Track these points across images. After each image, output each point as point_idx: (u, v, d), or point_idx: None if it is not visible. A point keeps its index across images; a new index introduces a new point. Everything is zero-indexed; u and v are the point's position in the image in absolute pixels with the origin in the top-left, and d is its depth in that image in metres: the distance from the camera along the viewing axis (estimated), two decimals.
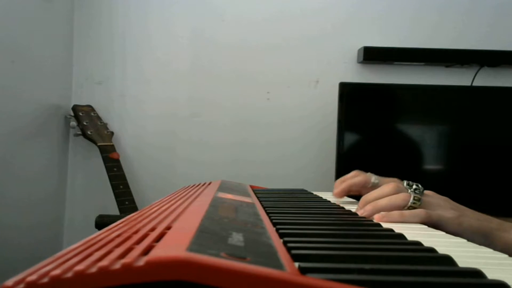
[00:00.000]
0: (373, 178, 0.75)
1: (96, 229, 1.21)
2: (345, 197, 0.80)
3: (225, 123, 1.71)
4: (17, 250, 1.37)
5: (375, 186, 0.74)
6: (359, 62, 1.70)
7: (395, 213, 0.60)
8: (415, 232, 0.51)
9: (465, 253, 0.40)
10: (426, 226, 0.58)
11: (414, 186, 0.64)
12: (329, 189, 0.84)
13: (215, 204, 0.49)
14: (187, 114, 1.71)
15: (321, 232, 0.46)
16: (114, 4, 1.70)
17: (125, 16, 1.70)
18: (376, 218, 0.59)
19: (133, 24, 1.70)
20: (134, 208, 1.44)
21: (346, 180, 0.78)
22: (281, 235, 0.40)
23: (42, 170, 1.53)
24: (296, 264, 0.30)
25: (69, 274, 0.24)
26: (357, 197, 0.75)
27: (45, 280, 0.24)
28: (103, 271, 0.24)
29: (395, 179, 0.73)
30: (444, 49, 1.66)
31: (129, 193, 1.48)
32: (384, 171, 0.77)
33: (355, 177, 0.77)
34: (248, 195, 0.67)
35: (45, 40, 1.51)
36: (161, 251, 0.26)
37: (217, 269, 0.23)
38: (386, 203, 0.62)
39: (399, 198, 0.62)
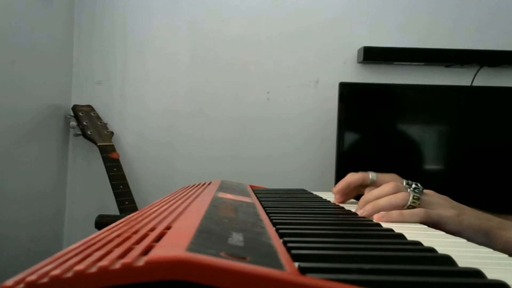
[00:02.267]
0: (371, 174, 0.75)
1: (96, 229, 1.21)
2: None
3: (226, 121, 1.71)
4: (17, 248, 1.37)
5: (373, 183, 0.74)
6: (359, 62, 1.70)
7: (395, 213, 0.60)
8: (415, 232, 0.51)
9: (465, 253, 0.40)
10: (426, 226, 0.58)
11: (414, 185, 0.64)
12: (329, 188, 0.84)
13: (215, 204, 0.49)
14: (187, 112, 1.71)
15: (321, 232, 0.46)
16: (114, 5, 1.69)
17: (125, 16, 1.70)
18: (375, 218, 0.59)
19: (133, 23, 1.70)
20: (134, 208, 1.44)
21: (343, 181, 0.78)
22: (281, 235, 0.40)
23: (42, 170, 1.53)
24: (296, 264, 0.30)
25: (69, 274, 0.24)
26: (357, 197, 0.75)
27: (45, 280, 0.24)
28: (103, 271, 0.24)
29: (394, 175, 0.73)
30: (444, 49, 1.66)
31: (129, 193, 1.48)
32: (384, 171, 0.77)
33: (352, 177, 0.77)
34: (248, 195, 0.67)
35: (45, 40, 1.51)
36: (160, 251, 0.26)
37: (217, 269, 0.23)
38: (385, 202, 0.62)
39: (399, 197, 0.62)
